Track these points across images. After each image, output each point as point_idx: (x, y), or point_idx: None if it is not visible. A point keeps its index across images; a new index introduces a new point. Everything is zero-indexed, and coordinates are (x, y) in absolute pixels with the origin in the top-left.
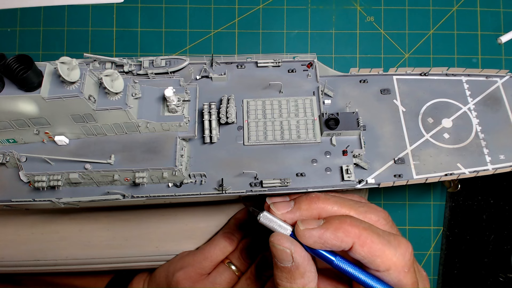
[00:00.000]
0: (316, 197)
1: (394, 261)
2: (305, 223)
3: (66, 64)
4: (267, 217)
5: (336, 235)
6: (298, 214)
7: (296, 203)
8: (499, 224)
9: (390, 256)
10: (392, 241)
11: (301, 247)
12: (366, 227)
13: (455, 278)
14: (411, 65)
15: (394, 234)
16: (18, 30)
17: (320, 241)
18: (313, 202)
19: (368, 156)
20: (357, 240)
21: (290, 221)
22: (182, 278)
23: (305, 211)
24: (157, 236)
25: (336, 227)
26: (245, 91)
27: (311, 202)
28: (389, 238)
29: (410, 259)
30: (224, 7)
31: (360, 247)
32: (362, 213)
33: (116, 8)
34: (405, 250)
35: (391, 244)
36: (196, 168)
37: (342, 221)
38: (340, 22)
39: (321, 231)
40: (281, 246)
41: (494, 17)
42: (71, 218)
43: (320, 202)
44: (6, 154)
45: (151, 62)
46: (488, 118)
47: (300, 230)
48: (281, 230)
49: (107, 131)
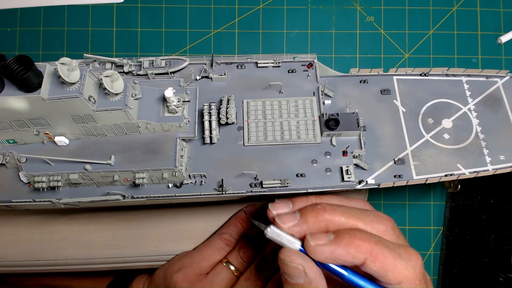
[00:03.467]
0: (323, 208)
1: (405, 274)
2: (315, 238)
3: (66, 65)
4: (274, 231)
5: (348, 251)
6: (306, 228)
7: (302, 215)
8: (499, 224)
9: (401, 270)
10: (402, 254)
11: (312, 263)
12: (376, 241)
13: (455, 278)
14: (411, 65)
15: (404, 246)
16: (18, 30)
17: (332, 257)
18: (319, 214)
19: (368, 157)
20: (369, 255)
21: (298, 234)
22: (181, 280)
23: (312, 224)
24: (157, 236)
25: (347, 242)
26: (245, 91)
27: (318, 214)
28: (399, 251)
29: (420, 271)
30: (224, 7)
31: (372, 262)
32: (369, 223)
33: (116, 8)
34: (416, 262)
35: (402, 257)
36: (196, 168)
37: (352, 236)
38: (340, 22)
39: (333, 247)
40: (293, 263)
41: (494, 17)
42: (71, 218)
43: (327, 214)
44: (6, 154)
45: (151, 63)
46: (488, 119)
47: (310, 246)
48: (290, 245)
49: (107, 131)
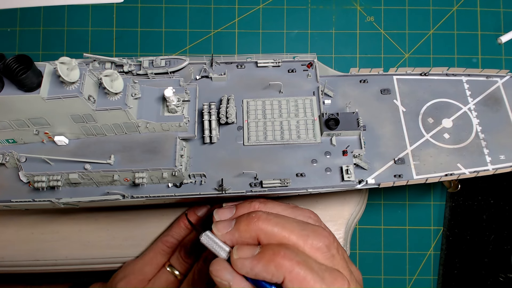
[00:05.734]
0: (256, 217)
1: None
2: (240, 251)
3: (66, 64)
4: (208, 237)
5: (267, 268)
6: (237, 236)
7: (236, 223)
8: (499, 224)
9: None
10: (326, 278)
11: (240, 277)
12: (300, 260)
13: (455, 278)
14: (411, 65)
15: (331, 269)
16: (18, 30)
17: (252, 272)
18: (252, 223)
19: (368, 156)
20: (288, 275)
21: (230, 242)
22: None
23: (243, 233)
24: (157, 236)
25: (268, 259)
26: (245, 91)
27: (250, 223)
28: (323, 275)
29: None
30: (224, 7)
31: (290, 282)
32: (304, 237)
33: (116, 8)
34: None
35: (324, 281)
36: (196, 168)
37: (275, 253)
38: (340, 22)
39: (254, 262)
40: (219, 278)
41: (494, 17)
42: (71, 218)
43: (260, 223)
44: (5, 154)
45: (151, 62)
46: (488, 118)
47: (233, 259)
48: (221, 252)
49: (106, 131)
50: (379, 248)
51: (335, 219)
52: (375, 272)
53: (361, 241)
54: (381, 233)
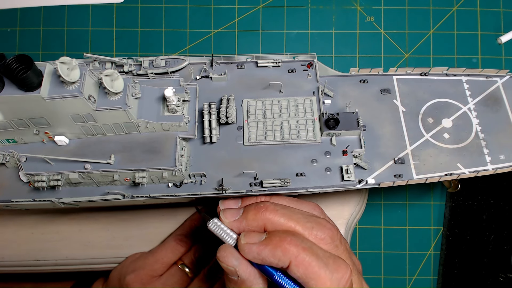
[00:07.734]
0: (264, 207)
1: (328, 285)
2: (247, 237)
3: (66, 64)
4: (216, 224)
5: (274, 253)
6: (245, 224)
7: (244, 211)
8: (499, 224)
9: (324, 280)
10: (330, 264)
11: (246, 263)
12: (306, 247)
13: (455, 278)
14: (411, 65)
15: (335, 257)
16: (18, 30)
17: (259, 257)
18: (260, 212)
19: (368, 156)
20: (294, 260)
21: (237, 230)
22: (133, 281)
23: (251, 221)
24: (157, 236)
25: (275, 244)
26: (245, 91)
27: (258, 212)
28: (327, 261)
29: (346, 285)
30: (224, 7)
31: (296, 267)
32: (308, 229)
33: (116, 8)
34: (342, 275)
35: (328, 267)
36: (196, 168)
37: (282, 239)
38: (340, 22)
39: (261, 247)
40: (225, 264)
41: (494, 17)
42: (71, 218)
43: (268, 213)
44: (6, 154)
45: (151, 62)
46: (488, 118)
47: (241, 243)
48: (228, 238)
49: (107, 131)
50: (379, 248)
51: (335, 219)
52: (375, 272)
53: (361, 241)
54: (381, 233)
